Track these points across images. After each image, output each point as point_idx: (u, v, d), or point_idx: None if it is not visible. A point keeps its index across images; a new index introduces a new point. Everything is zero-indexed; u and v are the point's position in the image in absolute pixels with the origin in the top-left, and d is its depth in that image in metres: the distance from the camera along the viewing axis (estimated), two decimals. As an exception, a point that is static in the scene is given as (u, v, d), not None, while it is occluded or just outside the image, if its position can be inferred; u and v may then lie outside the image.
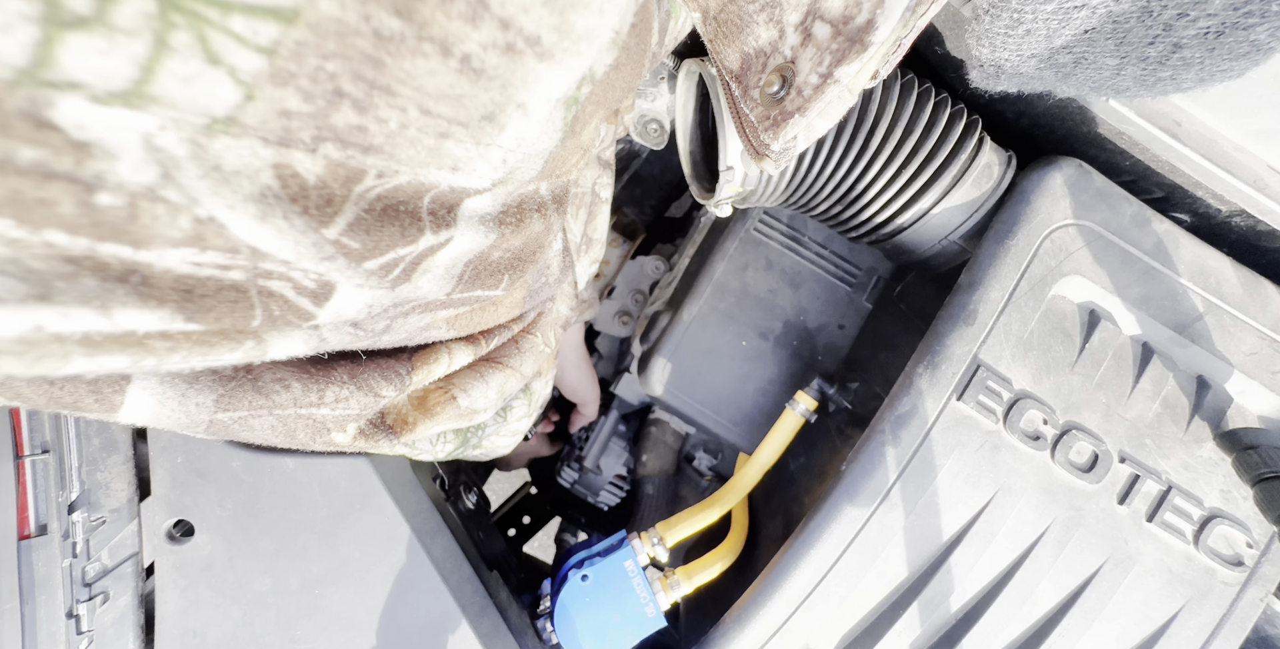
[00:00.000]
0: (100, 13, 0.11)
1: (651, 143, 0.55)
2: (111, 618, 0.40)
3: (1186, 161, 0.41)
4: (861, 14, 0.23)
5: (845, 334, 0.58)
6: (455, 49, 0.15)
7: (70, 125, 0.12)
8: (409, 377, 0.27)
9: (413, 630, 0.43)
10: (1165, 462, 0.41)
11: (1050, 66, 0.27)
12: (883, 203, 0.45)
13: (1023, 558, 0.40)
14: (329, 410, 0.25)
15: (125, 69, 0.12)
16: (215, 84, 0.13)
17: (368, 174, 0.17)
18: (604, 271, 0.74)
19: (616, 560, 0.48)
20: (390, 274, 0.20)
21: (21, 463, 0.40)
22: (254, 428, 0.24)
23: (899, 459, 0.40)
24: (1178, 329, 0.42)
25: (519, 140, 0.19)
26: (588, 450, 0.70)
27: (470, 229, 0.22)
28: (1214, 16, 0.22)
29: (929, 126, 0.43)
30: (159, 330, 0.16)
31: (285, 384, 0.24)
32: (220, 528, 0.42)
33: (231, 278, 0.17)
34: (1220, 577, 0.40)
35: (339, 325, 0.21)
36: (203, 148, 0.14)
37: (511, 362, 0.34)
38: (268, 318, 0.18)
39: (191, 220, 0.15)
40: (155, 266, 0.15)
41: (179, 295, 0.16)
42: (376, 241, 0.19)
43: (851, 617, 0.41)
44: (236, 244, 0.16)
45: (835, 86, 0.24)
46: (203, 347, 0.17)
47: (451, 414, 0.31)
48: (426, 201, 0.19)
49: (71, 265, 0.14)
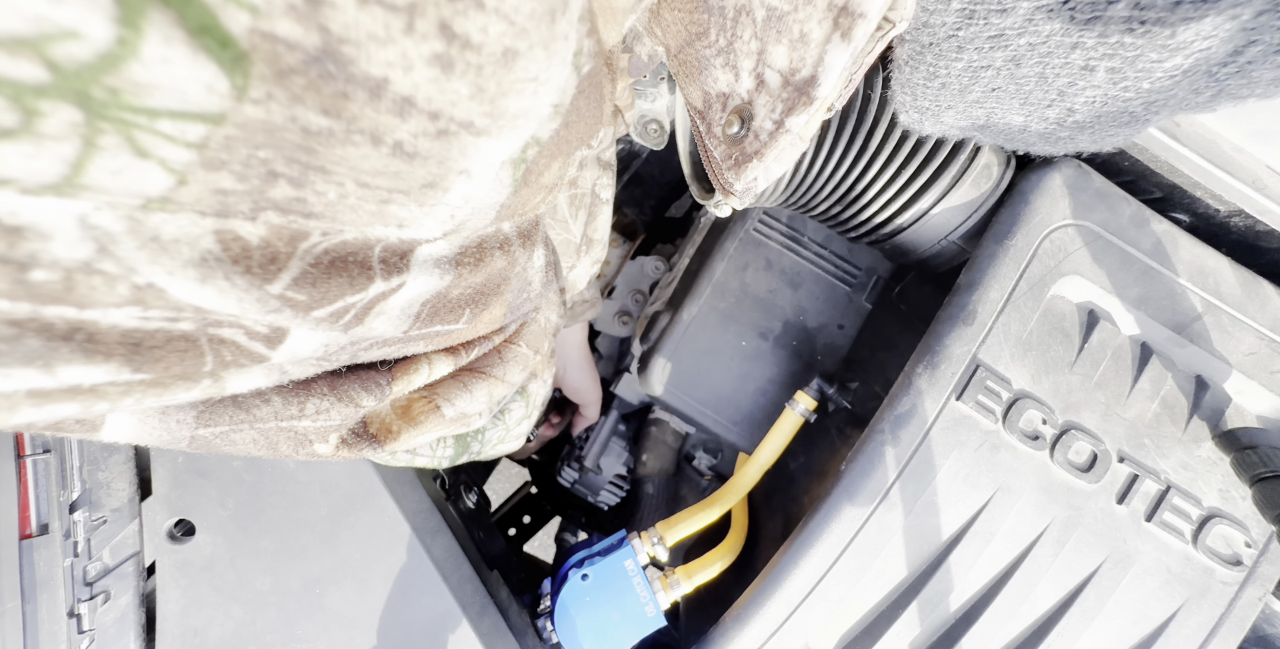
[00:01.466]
0: (26, 125, 0.11)
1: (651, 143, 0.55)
2: (112, 617, 0.40)
3: (1185, 162, 0.41)
4: (805, 69, 0.23)
5: (845, 334, 0.59)
6: (386, 138, 0.15)
7: (3, 213, 0.13)
8: (389, 387, 0.27)
9: (413, 630, 0.43)
10: (1164, 461, 0.41)
11: (965, 118, 0.29)
12: (882, 203, 0.45)
13: (1022, 557, 0.40)
14: (310, 422, 0.25)
15: (54, 167, 0.12)
16: (145, 173, 0.13)
17: (312, 234, 0.17)
18: (604, 271, 0.74)
19: (616, 560, 0.48)
20: (341, 319, 0.20)
21: (23, 462, 0.40)
22: (236, 442, 0.24)
23: (898, 459, 0.40)
24: (1176, 329, 0.42)
25: (465, 199, 0.19)
26: (588, 450, 0.70)
27: (424, 273, 0.22)
28: (1098, 87, 0.23)
29: (928, 127, 0.44)
30: (107, 381, 0.16)
31: (265, 399, 0.24)
32: (221, 527, 0.42)
33: (181, 328, 0.17)
34: (1219, 576, 0.41)
35: (300, 361, 0.21)
36: (139, 222, 0.14)
37: (494, 371, 0.34)
38: (219, 363, 0.18)
39: (129, 287, 0.15)
40: (101, 324, 0.15)
41: (126, 349, 0.16)
42: (324, 293, 0.19)
43: (851, 616, 0.41)
44: (179, 304, 0.16)
45: (787, 135, 0.25)
46: (156, 388, 0.18)
47: (437, 422, 0.31)
48: (377, 252, 0.20)
49: (15, 328, 0.14)
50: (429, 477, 0.50)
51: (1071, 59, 0.23)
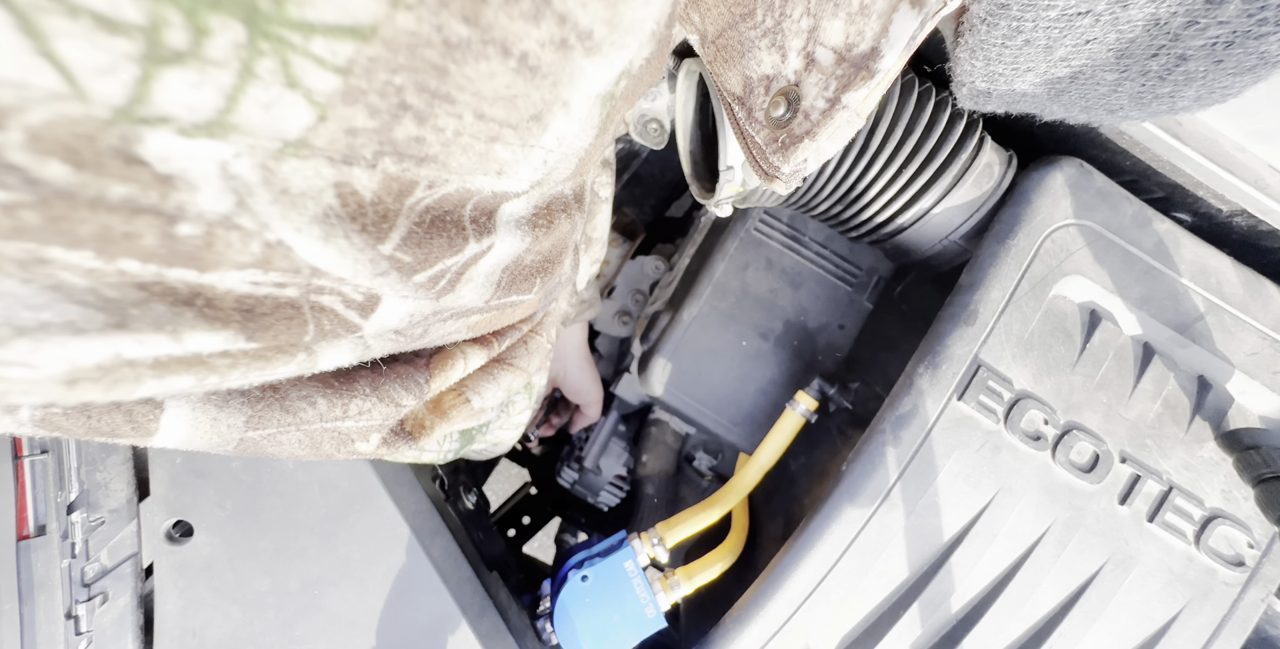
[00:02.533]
0: (195, 46, 0.11)
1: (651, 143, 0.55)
2: (110, 618, 0.40)
3: (1187, 161, 0.41)
4: (864, 42, 0.22)
5: (846, 334, 0.58)
6: (514, 48, 0.15)
7: (156, 159, 0.13)
8: (427, 385, 0.28)
9: (412, 631, 0.43)
10: (1166, 462, 0.41)
11: (1044, 83, 0.26)
12: (883, 203, 0.45)
13: (1024, 558, 0.40)
14: (353, 423, 0.25)
15: (212, 99, 0.12)
16: (292, 107, 0.13)
17: (419, 185, 0.17)
18: (604, 271, 0.74)
19: (616, 561, 0.48)
20: (437, 285, 0.21)
21: (20, 463, 0.40)
22: (282, 443, 0.24)
23: (900, 459, 0.40)
24: (1179, 329, 0.42)
25: (560, 139, 0.20)
26: (588, 450, 0.70)
27: (508, 234, 0.22)
28: (1226, 24, 0.20)
29: (930, 126, 0.43)
30: (221, 350, 0.16)
31: (311, 401, 0.24)
32: (219, 528, 0.42)
33: (287, 295, 0.17)
34: (1221, 577, 0.40)
35: (382, 334, 0.22)
36: (272, 172, 0.14)
37: (520, 362, 0.34)
38: (319, 332, 0.19)
39: (261, 245, 0.15)
40: (218, 288, 0.15)
41: (241, 315, 0.16)
42: (426, 254, 0.19)
43: (852, 617, 0.41)
44: (299, 265, 0.16)
45: (844, 112, 0.24)
46: (260, 362, 0.18)
47: (465, 415, 0.32)
48: (469, 209, 0.20)
49: (143, 292, 0.14)
50: (428, 477, 0.50)
51: None
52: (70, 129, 0.11)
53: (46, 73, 0.10)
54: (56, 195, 0.12)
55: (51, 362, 0.14)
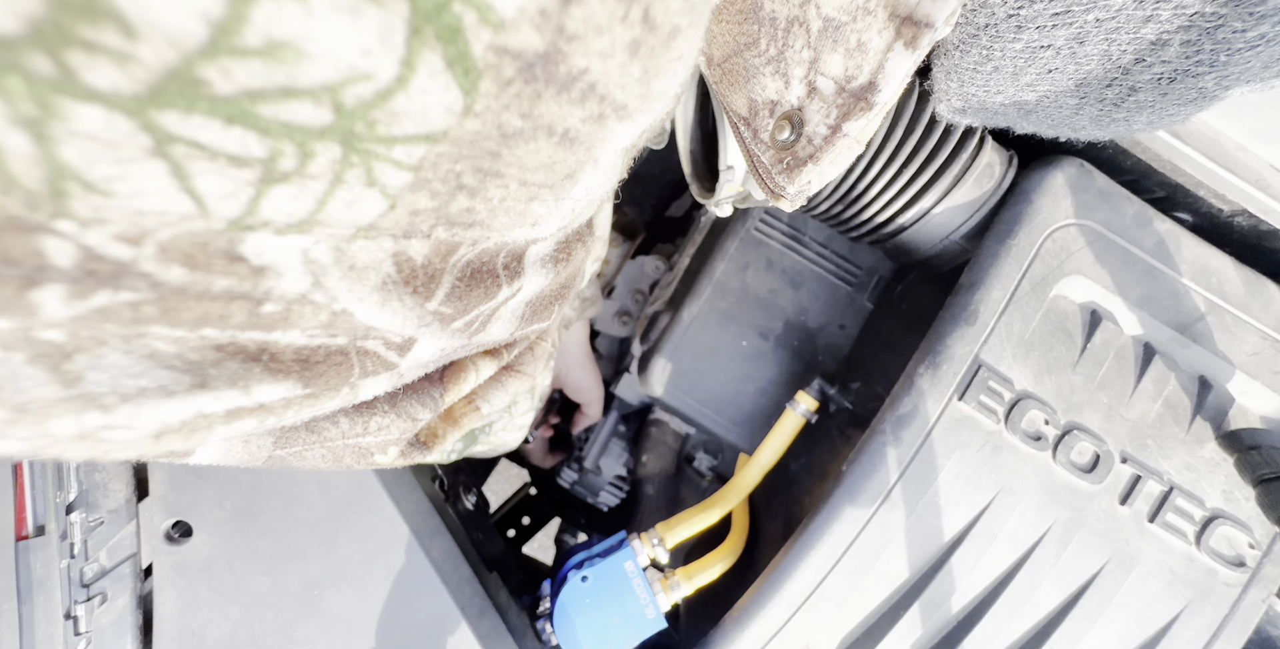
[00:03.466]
0: (301, 167, 0.13)
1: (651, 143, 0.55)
2: (109, 619, 0.40)
3: (1188, 161, 0.41)
4: (862, 76, 0.23)
5: (846, 334, 0.58)
6: (559, 127, 0.16)
7: (253, 254, 0.14)
8: (442, 398, 0.29)
9: (412, 632, 0.43)
10: (1167, 462, 0.41)
11: (1014, 104, 0.28)
12: (884, 202, 0.45)
13: (1024, 559, 0.40)
14: (373, 438, 0.27)
15: (307, 205, 0.14)
16: (369, 202, 0.15)
17: (463, 244, 0.19)
18: (604, 271, 0.74)
19: (616, 561, 0.48)
20: (470, 328, 0.23)
21: (20, 463, 0.40)
22: (306, 458, 0.26)
23: (900, 460, 0.40)
24: (1180, 329, 0.42)
25: (587, 190, 0.21)
26: (588, 451, 0.69)
27: (534, 273, 0.24)
28: (1168, 63, 0.23)
29: (930, 126, 0.43)
30: (282, 398, 0.18)
31: (334, 421, 0.26)
32: (219, 529, 0.42)
33: (337, 342, 0.19)
34: (1222, 577, 0.40)
35: (417, 366, 0.24)
36: (344, 252, 0.16)
37: (528, 369, 0.36)
38: (363, 372, 0.21)
39: (329, 314, 0.17)
40: (280, 342, 0.17)
41: (299, 365, 0.18)
42: (466, 305, 0.21)
43: (852, 618, 0.41)
44: (355, 326, 0.18)
45: (845, 139, 0.25)
46: (311, 400, 0.20)
47: (476, 421, 0.33)
48: (501, 258, 0.21)
49: (219, 352, 0.16)
50: (428, 478, 0.50)
51: (1142, 34, 0.22)
52: (191, 239, 0.13)
53: (185, 202, 0.12)
54: (173, 292, 0.14)
55: (147, 423, 0.15)
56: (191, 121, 0.11)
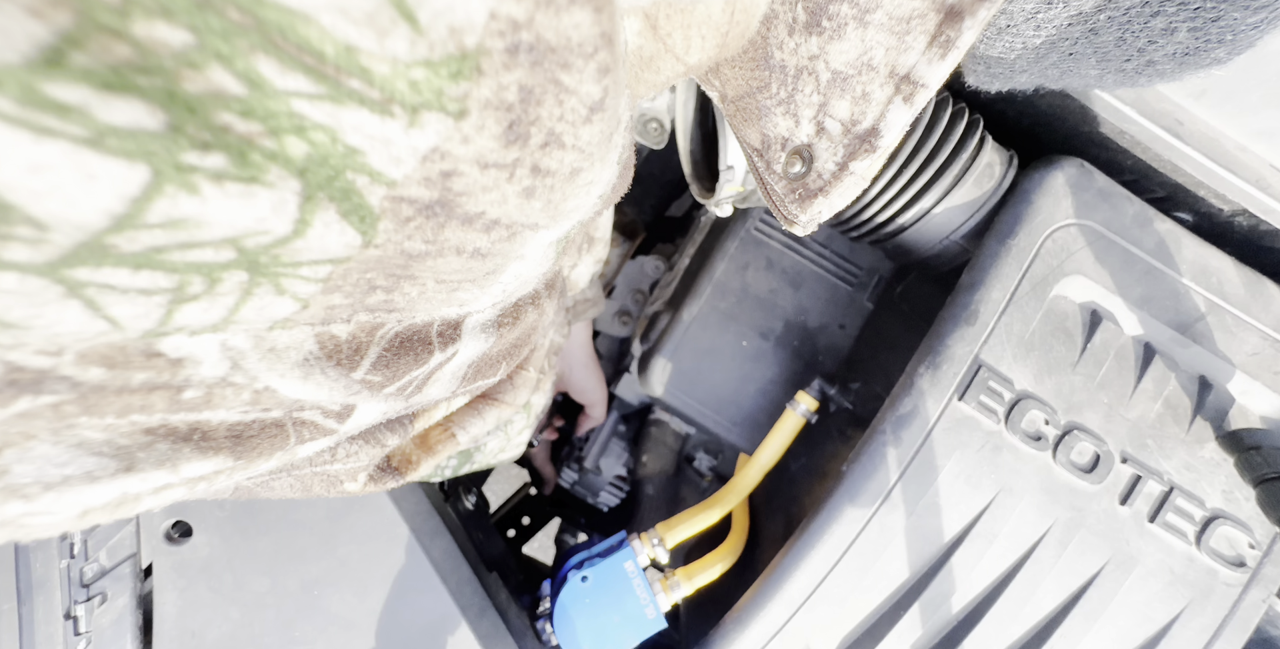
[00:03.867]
0: (208, 290, 0.14)
1: (651, 143, 0.55)
2: (109, 619, 0.40)
3: (1188, 161, 0.41)
4: (866, 121, 0.25)
5: (846, 334, 0.58)
6: (468, 248, 0.18)
7: (170, 350, 0.15)
8: (411, 425, 0.29)
9: (412, 631, 0.43)
10: (1167, 462, 0.41)
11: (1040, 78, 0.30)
12: (884, 202, 0.45)
13: (1024, 559, 0.40)
14: (341, 465, 0.27)
15: (218, 314, 0.15)
16: (280, 305, 0.16)
17: (388, 323, 0.20)
18: (604, 271, 0.74)
19: (616, 561, 0.48)
20: (405, 392, 0.23)
21: (19, 463, 0.40)
22: (274, 488, 0.27)
23: (900, 460, 0.40)
24: (1180, 329, 0.42)
25: (517, 276, 0.22)
26: (588, 451, 0.69)
27: (473, 338, 0.24)
28: (1180, 44, 0.24)
29: (930, 126, 0.43)
30: (213, 471, 0.19)
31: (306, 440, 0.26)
32: (218, 529, 0.41)
33: (272, 416, 0.19)
34: (1222, 577, 0.40)
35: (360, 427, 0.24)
36: (263, 339, 0.17)
37: (506, 397, 0.36)
38: (299, 439, 0.21)
39: (251, 392, 0.18)
40: (212, 421, 0.18)
41: (230, 441, 0.19)
42: (395, 372, 0.21)
43: (852, 618, 0.41)
44: (283, 400, 0.19)
45: (851, 177, 0.26)
46: (244, 468, 0.20)
47: (452, 449, 0.34)
48: (435, 328, 0.22)
49: (149, 435, 0.17)
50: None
51: (1152, 24, 0.23)
52: (109, 346, 0.14)
53: (100, 324, 0.13)
54: (93, 390, 0.14)
55: (70, 507, 0.16)
56: (101, 272, 0.12)
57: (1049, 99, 0.43)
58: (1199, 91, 0.39)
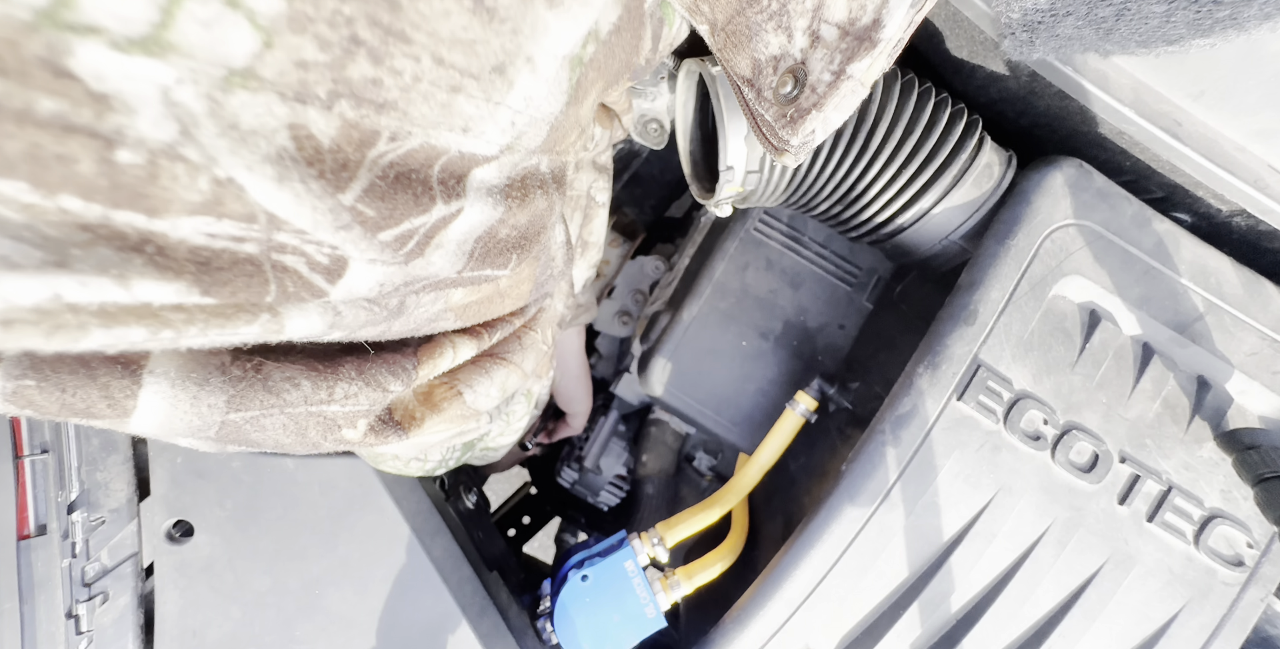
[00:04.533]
0: None
1: (651, 143, 0.55)
2: (111, 618, 0.40)
3: (1187, 161, 0.41)
4: (866, 15, 0.24)
5: (845, 334, 0.58)
6: None
7: (89, 75, 0.12)
8: (415, 370, 0.27)
9: (413, 631, 0.43)
10: (1166, 462, 0.41)
11: (1089, 23, 0.27)
12: (883, 203, 0.45)
13: (1023, 558, 0.40)
14: (339, 407, 0.25)
15: (145, 11, 0.12)
16: (234, 28, 0.13)
17: (381, 136, 0.17)
18: (604, 271, 0.74)
19: (616, 561, 0.48)
20: (405, 247, 0.20)
21: (21, 463, 0.40)
22: (266, 427, 0.24)
23: (899, 459, 0.40)
24: (1178, 329, 0.42)
25: (527, 100, 0.20)
26: (588, 450, 0.70)
27: (479, 201, 0.22)
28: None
29: (929, 126, 0.43)
30: (174, 303, 0.16)
31: (295, 383, 0.24)
32: (220, 528, 0.42)
33: (246, 251, 0.16)
34: (1221, 577, 0.40)
35: (353, 301, 0.21)
36: (220, 104, 0.14)
37: (514, 357, 0.34)
38: (282, 292, 0.18)
39: (210, 181, 0.15)
40: (170, 237, 0.15)
41: (195, 267, 0.16)
42: (391, 209, 0.19)
43: (852, 617, 0.41)
44: (254, 210, 0.16)
45: (849, 82, 0.25)
46: (219, 319, 0.17)
47: (458, 410, 0.32)
48: (437, 170, 0.20)
49: (87, 233, 0.14)
50: (428, 477, 0.50)
51: None
52: None
53: None
54: None
55: None
56: None
57: (1048, 99, 0.43)
58: (1198, 92, 0.39)
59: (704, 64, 0.43)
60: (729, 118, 0.42)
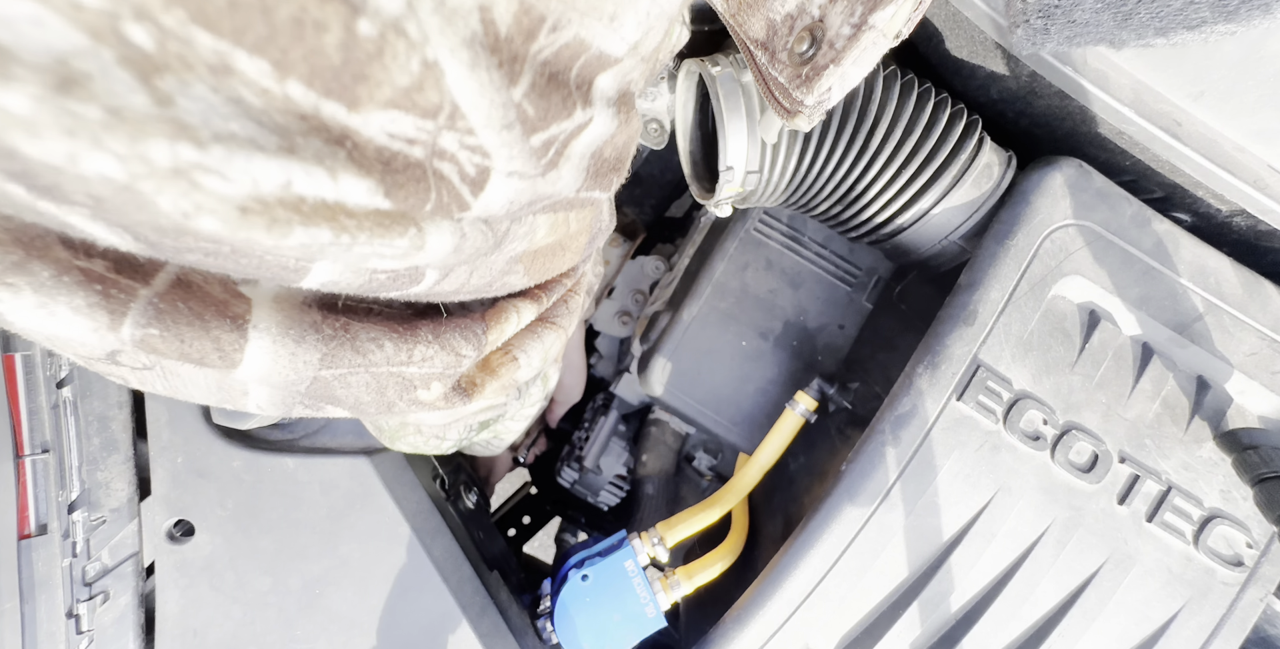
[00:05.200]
0: None
1: (651, 143, 0.55)
2: (111, 617, 0.40)
3: (1187, 161, 0.41)
4: None
5: (845, 334, 0.58)
6: None
7: None
8: (484, 335, 0.29)
9: (413, 630, 0.43)
10: (1165, 462, 0.41)
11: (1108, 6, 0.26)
12: (883, 203, 0.45)
13: (1023, 558, 0.40)
14: (416, 369, 0.27)
15: None
16: None
17: (544, 25, 0.18)
18: (604, 271, 0.74)
19: (617, 560, 0.48)
20: (546, 155, 0.21)
21: (22, 462, 0.40)
22: (351, 385, 0.26)
23: (899, 459, 0.40)
24: (1178, 329, 0.42)
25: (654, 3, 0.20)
26: (588, 450, 0.70)
27: (603, 111, 0.23)
28: None
29: (929, 126, 0.43)
30: (363, 205, 0.17)
31: (379, 343, 0.25)
32: (220, 528, 0.42)
33: (415, 155, 0.17)
34: (1220, 577, 0.40)
35: (476, 222, 0.22)
36: None
37: (562, 321, 0.36)
38: (438, 203, 0.19)
39: (420, 63, 0.15)
40: (361, 134, 0.16)
41: (381, 167, 0.17)
42: (546, 110, 0.19)
43: (851, 617, 0.41)
44: (443, 100, 0.16)
45: (870, 33, 0.25)
46: (381, 229, 0.18)
47: (510, 374, 0.33)
48: (574, 73, 0.20)
49: (304, 123, 0.15)
50: (428, 476, 0.50)
51: None
52: None
53: None
54: None
55: (240, 176, 0.14)
56: None
57: (1047, 99, 0.43)
58: (1197, 92, 0.39)
59: (704, 64, 0.43)
60: (729, 118, 0.42)
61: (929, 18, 0.43)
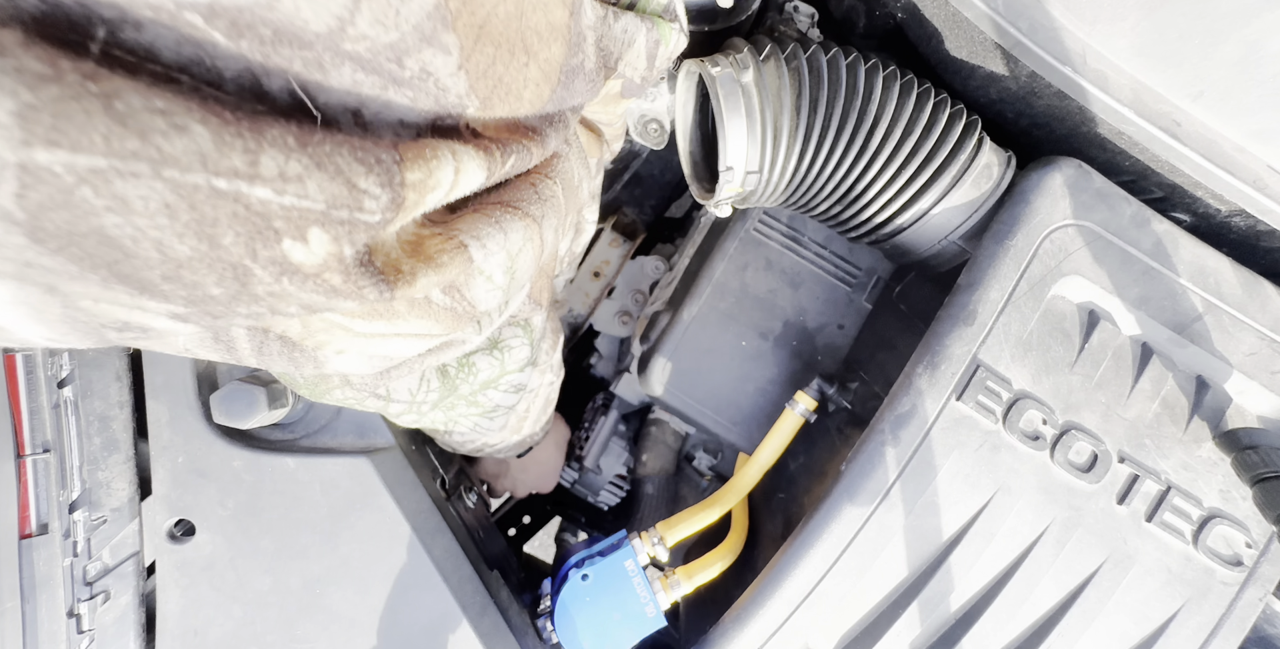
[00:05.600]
0: None
1: (651, 143, 0.55)
2: (112, 617, 0.40)
3: (1186, 161, 0.41)
4: None
5: (845, 334, 0.59)
6: None
7: None
8: (397, 169, 0.19)
9: (413, 630, 0.43)
10: (1164, 462, 0.41)
11: None
12: (882, 203, 0.45)
13: (1022, 558, 0.40)
14: (271, 193, 0.16)
15: None
16: None
17: None
18: (604, 271, 0.74)
19: (617, 560, 0.48)
20: None
21: (23, 462, 0.40)
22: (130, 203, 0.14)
23: (899, 459, 0.40)
24: (1177, 329, 0.42)
25: None
26: (588, 450, 0.70)
27: None
28: None
29: (929, 126, 0.43)
30: None
31: (177, 123, 0.14)
32: (221, 527, 0.42)
33: None
34: (1219, 576, 0.41)
35: None
36: None
37: (531, 209, 0.27)
38: None
39: None
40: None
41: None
42: None
43: (851, 616, 0.41)
44: None
45: None
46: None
47: (461, 267, 0.24)
48: None
49: None
50: (429, 476, 0.50)
51: None
52: None
53: None
54: None
55: None
56: None
57: (1047, 99, 0.43)
58: (1197, 92, 0.39)
59: (704, 65, 0.43)
60: (729, 118, 0.42)
61: (929, 18, 0.43)
